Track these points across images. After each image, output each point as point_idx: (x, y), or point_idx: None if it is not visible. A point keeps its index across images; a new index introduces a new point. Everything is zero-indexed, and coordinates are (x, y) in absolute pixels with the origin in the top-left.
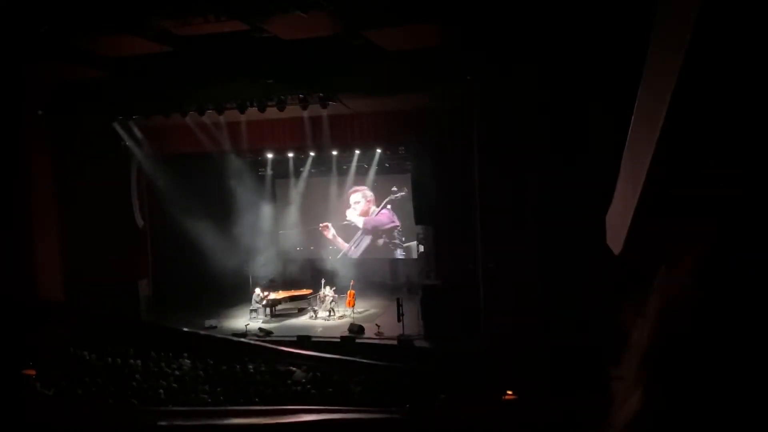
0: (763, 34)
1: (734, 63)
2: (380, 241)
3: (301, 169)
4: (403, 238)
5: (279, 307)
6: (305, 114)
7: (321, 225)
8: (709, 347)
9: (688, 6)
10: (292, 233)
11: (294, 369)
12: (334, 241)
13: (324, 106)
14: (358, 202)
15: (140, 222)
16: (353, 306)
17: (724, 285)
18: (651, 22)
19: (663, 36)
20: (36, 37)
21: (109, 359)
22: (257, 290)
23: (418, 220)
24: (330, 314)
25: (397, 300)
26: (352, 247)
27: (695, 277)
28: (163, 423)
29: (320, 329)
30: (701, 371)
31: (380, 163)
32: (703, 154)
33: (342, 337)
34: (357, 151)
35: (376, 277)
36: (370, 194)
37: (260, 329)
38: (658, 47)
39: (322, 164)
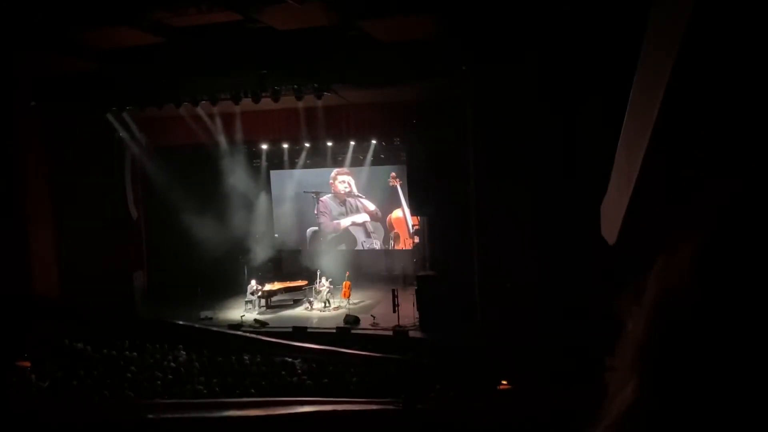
0: (756, 30)
1: (727, 56)
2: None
3: (296, 160)
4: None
5: (274, 298)
6: (300, 105)
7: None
8: (705, 337)
9: (682, 2)
10: (286, 224)
11: (289, 360)
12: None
13: (319, 97)
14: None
15: (134, 214)
16: (349, 297)
17: (720, 275)
18: (647, 12)
19: (658, 27)
20: (29, 28)
21: (105, 351)
22: (252, 282)
23: (414, 211)
24: (325, 305)
25: (393, 291)
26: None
27: (692, 267)
28: (152, 416)
29: (316, 320)
30: (697, 361)
31: (375, 154)
32: (697, 145)
33: (338, 328)
34: (352, 142)
35: (372, 268)
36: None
37: (256, 320)
38: (653, 38)
39: (317, 155)
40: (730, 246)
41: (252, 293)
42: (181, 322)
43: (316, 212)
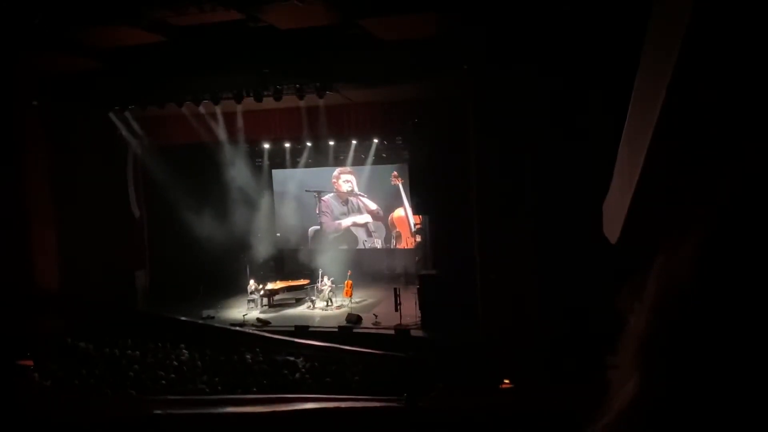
0: (758, 30)
1: (732, 51)
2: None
3: (298, 159)
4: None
5: (276, 297)
6: (302, 104)
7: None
8: (706, 334)
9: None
10: (288, 224)
11: (291, 358)
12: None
13: (321, 96)
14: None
15: (137, 212)
16: (351, 296)
17: (721, 272)
18: (648, 11)
19: (659, 27)
20: (30, 28)
21: (107, 350)
22: (251, 282)
23: (416, 210)
24: (327, 304)
25: (395, 290)
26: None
27: (692, 264)
28: (159, 411)
29: (318, 319)
30: (698, 358)
31: (377, 153)
32: (698, 145)
33: (340, 327)
34: (354, 141)
35: (374, 266)
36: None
37: (258, 319)
38: (654, 38)
39: (318, 154)
40: (730, 244)
41: (252, 292)
42: (183, 318)
43: (317, 211)
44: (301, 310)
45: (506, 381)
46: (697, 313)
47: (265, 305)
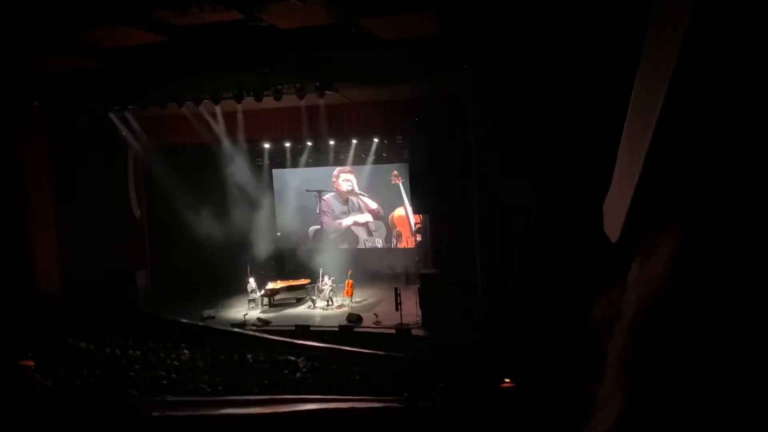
0: (761, 21)
1: (732, 50)
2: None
3: (298, 158)
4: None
5: (277, 296)
6: (302, 103)
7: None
8: (687, 347)
9: None
10: (289, 223)
11: (292, 358)
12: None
13: (321, 96)
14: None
15: (137, 212)
16: (351, 295)
17: (699, 280)
18: (649, 9)
19: (660, 23)
20: (31, 28)
21: (108, 350)
22: (251, 281)
23: (416, 209)
24: (328, 304)
25: (395, 289)
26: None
27: (670, 272)
28: (157, 413)
29: (319, 319)
30: (679, 371)
31: (377, 153)
32: (701, 144)
33: (340, 327)
34: (354, 141)
35: (374, 266)
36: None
37: (258, 319)
38: (656, 35)
39: (319, 154)
40: (704, 254)
41: (251, 291)
42: (184, 320)
43: (318, 211)
44: (302, 309)
45: (506, 381)
46: (676, 326)
47: (266, 305)
